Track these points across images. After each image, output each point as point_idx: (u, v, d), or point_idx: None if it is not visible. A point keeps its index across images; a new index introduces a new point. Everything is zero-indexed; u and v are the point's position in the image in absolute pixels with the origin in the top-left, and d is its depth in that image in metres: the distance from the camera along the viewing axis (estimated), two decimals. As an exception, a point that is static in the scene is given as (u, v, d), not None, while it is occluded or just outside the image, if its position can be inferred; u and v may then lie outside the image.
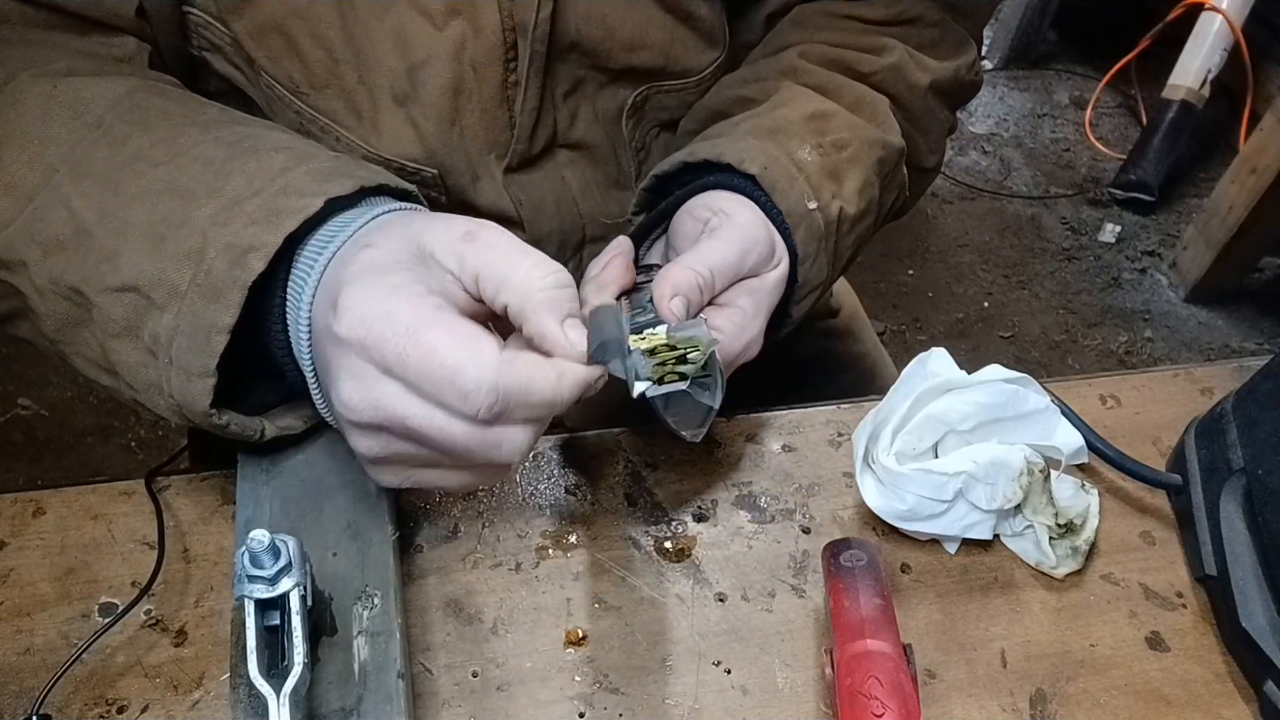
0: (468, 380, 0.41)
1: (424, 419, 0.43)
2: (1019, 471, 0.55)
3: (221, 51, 0.61)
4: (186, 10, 0.59)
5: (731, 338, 0.53)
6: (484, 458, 0.44)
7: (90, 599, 0.52)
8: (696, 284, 0.51)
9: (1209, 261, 2.06)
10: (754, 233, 0.55)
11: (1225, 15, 2.16)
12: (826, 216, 0.59)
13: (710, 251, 0.53)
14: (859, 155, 0.62)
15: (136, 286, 0.47)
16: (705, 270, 0.52)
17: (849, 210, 0.61)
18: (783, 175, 0.58)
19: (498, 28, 0.59)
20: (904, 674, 0.47)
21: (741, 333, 0.54)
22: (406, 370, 0.42)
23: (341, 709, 0.45)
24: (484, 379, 0.41)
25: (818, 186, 0.59)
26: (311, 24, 0.58)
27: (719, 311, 0.54)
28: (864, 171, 0.62)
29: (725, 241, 0.54)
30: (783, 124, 0.61)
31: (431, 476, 0.47)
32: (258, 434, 0.51)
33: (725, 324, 0.53)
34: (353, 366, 0.43)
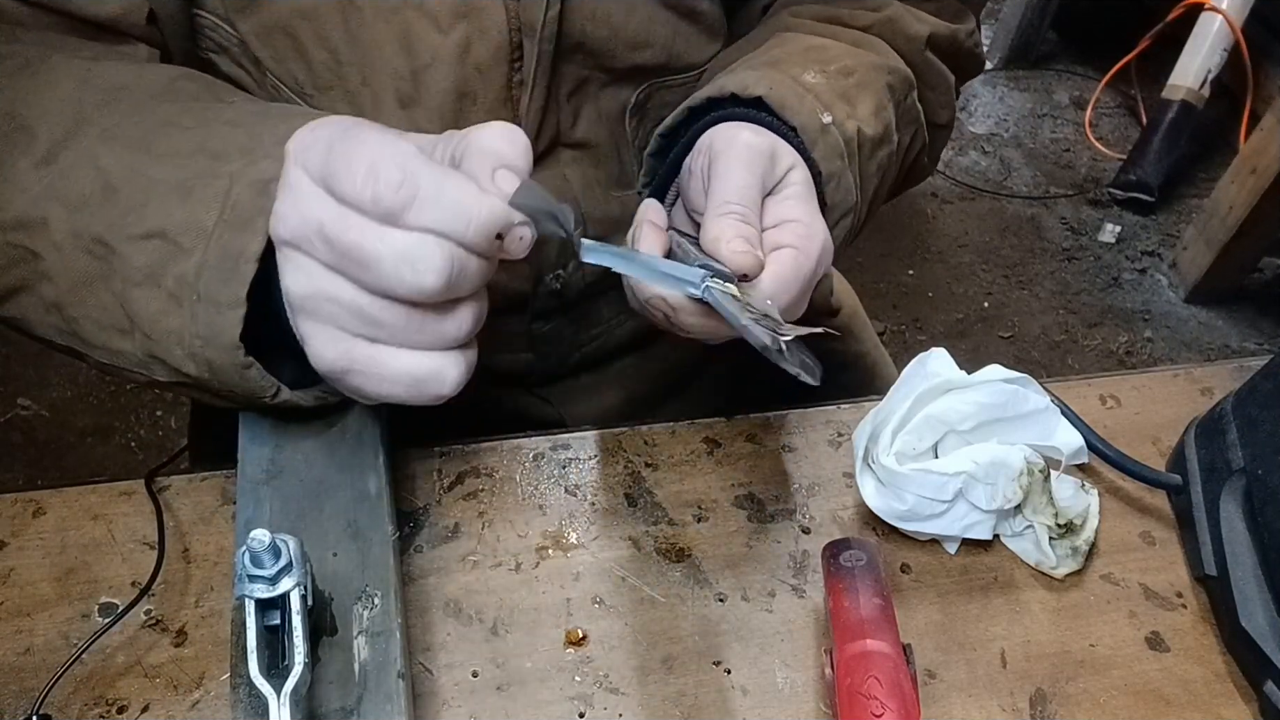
0: (382, 154, 0.40)
1: (339, 219, 0.41)
2: (1019, 471, 0.55)
3: (228, 52, 0.61)
4: (195, 12, 0.60)
5: (805, 249, 0.51)
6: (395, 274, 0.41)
7: (90, 599, 0.52)
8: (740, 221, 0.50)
9: (1209, 261, 2.06)
10: (746, 145, 0.52)
11: (1225, 15, 2.16)
12: (844, 133, 0.57)
13: (726, 188, 0.51)
14: (867, 79, 0.60)
15: (163, 232, 0.47)
16: (737, 205, 0.50)
17: (867, 131, 0.58)
18: (790, 94, 0.56)
19: (504, 28, 0.59)
20: (904, 674, 0.47)
21: (810, 238, 0.51)
22: (331, 159, 0.41)
23: (341, 709, 0.45)
24: (397, 156, 0.40)
25: (829, 104, 0.57)
26: (317, 25, 0.58)
27: (776, 232, 0.52)
28: (875, 95, 0.60)
29: (731, 169, 0.52)
30: (781, 57, 0.60)
31: (371, 353, 0.44)
32: (272, 390, 0.49)
33: (790, 238, 0.51)
34: (290, 178, 0.43)
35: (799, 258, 0.51)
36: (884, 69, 0.62)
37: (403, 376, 0.44)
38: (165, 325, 0.48)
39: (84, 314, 0.50)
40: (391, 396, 0.45)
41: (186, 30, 0.60)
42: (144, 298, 0.48)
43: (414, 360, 0.44)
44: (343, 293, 0.42)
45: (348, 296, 0.42)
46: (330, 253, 0.41)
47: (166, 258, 0.47)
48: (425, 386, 0.44)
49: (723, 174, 0.52)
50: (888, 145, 0.61)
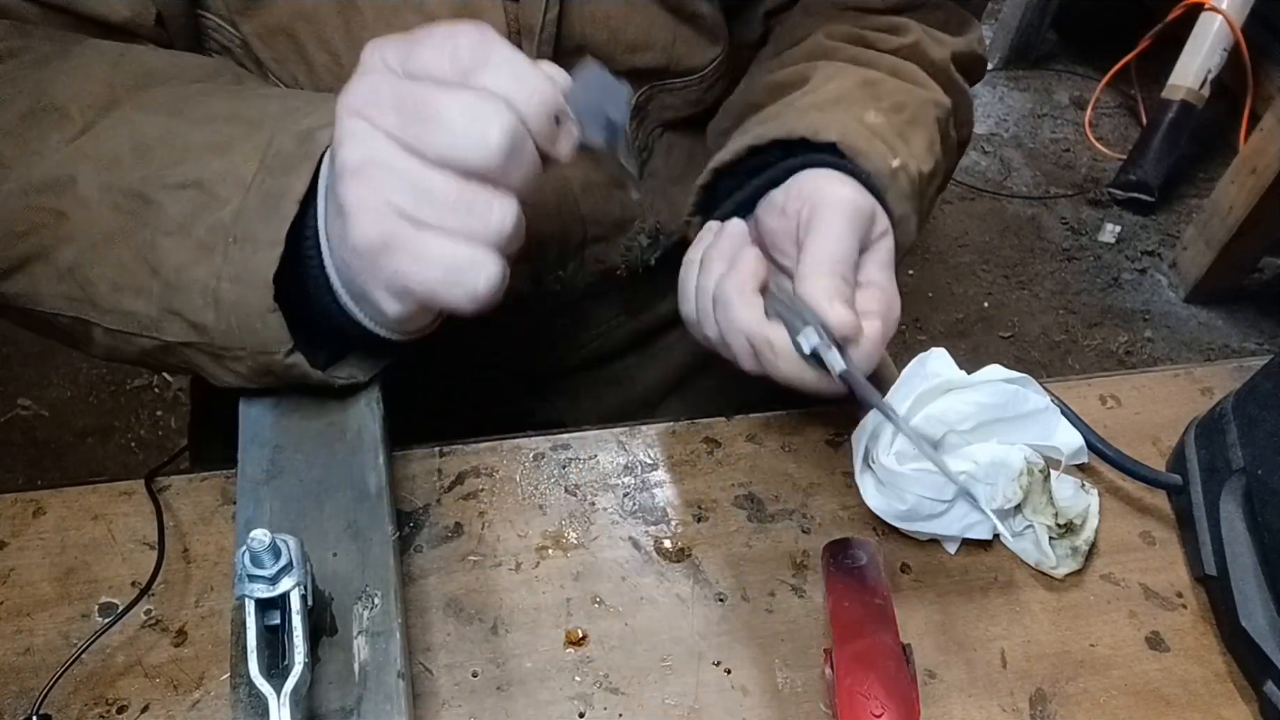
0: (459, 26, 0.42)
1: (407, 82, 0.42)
2: (1019, 471, 0.55)
3: (231, 53, 0.62)
4: (199, 13, 0.60)
5: (887, 318, 0.53)
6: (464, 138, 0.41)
7: (90, 599, 0.52)
8: (846, 285, 0.51)
9: (1209, 261, 2.06)
10: (854, 205, 0.53)
11: (1225, 15, 2.16)
12: (910, 175, 0.57)
13: (831, 246, 0.52)
14: (918, 115, 0.61)
15: (199, 181, 0.47)
16: (843, 267, 0.52)
17: (923, 170, 0.59)
18: (860, 139, 0.56)
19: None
20: (903, 674, 0.47)
21: (891, 307, 0.54)
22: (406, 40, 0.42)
23: (341, 709, 0.45)
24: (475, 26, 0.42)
25: (893, 147, 0.57)
26: (317, 27, 0.59)
27: (861, 296, 0.54)
28: (927, 131, 0.61)
29: (834, 226, 0.53)
30: (840, 94, 0.60)
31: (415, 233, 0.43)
32: (287, 346, 0.49)
33: (874, 305, 0.53)
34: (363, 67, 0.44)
35: (883, 328, 0.53)
36: (932, 103, 0.63)
37: (442, 259, 0.43)
38: (191, 274, 0.48)
39: (100, 274, 0.50)
40: (427, 283, 0.43)
41: (191, 31, 0.61)
42: (173, 247, 0.48)
43: (455, 247, 0.43)
44: (399, 160, 0.42)
45: (403, 164, 0.42)
46: (396, 117, 0.41)
47: (200, 207, 0.47)
48: (463, 275, 0.43)
49: (827, 230, 0.52)
50: (937, 179, 0.62)
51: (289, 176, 0.46)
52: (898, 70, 0.64)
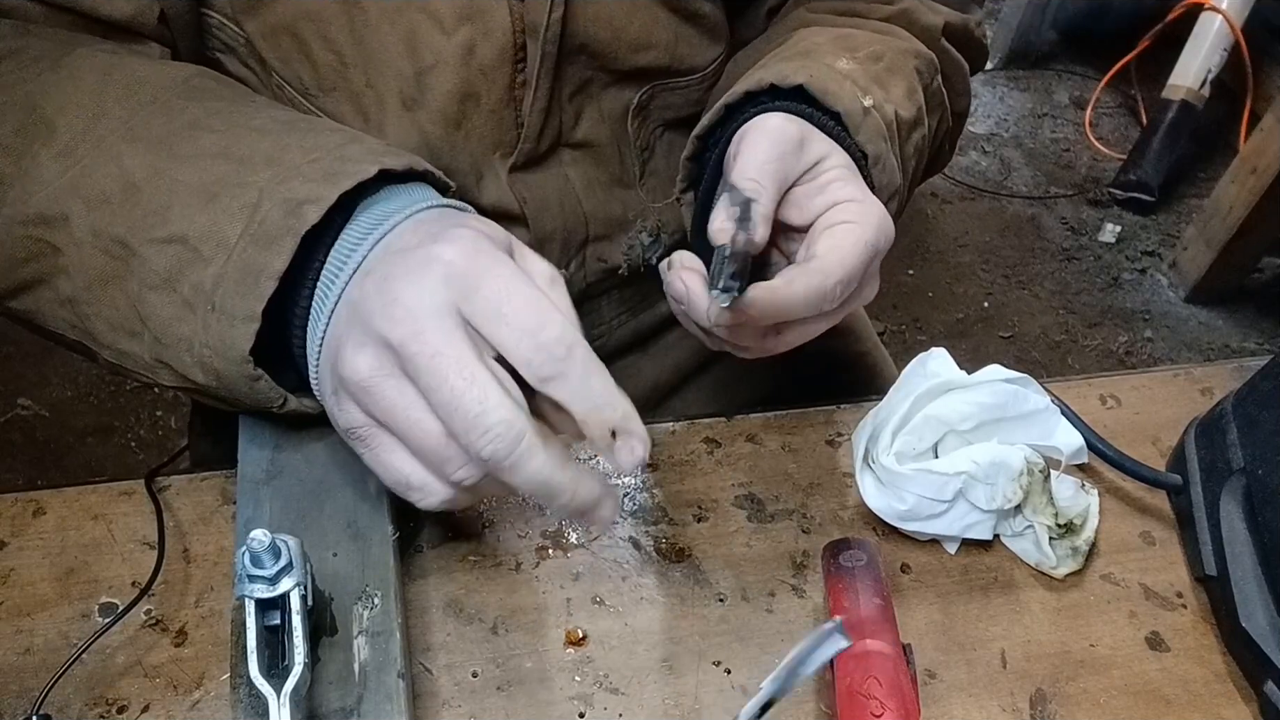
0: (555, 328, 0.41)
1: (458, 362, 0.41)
2: (1019, 471, 0.55)
3: (235, 53, 0.61)
4: (204, 12, 0.60)
5: (862, 221, 0.51)
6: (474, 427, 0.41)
7: (90, 599, 0.52)
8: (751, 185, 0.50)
9: (1209, 261, 2.06)
10: (781, 129, 0.52)
11: (1225, 15, 2.16)
12: (884, 116, 0.57)
13: (744, 166, 0.51)
14: (896, 64, 0.61)
15: (185, 238, 0.47)
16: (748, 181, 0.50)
17: (902, 114, 0.59)
18: (830, 80, 0.55)
19: (508, 30, 0.59)
20: (903, 674, 0.47)
21: (866, 213, 0.51)
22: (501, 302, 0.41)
23: (341, 709, 0.45)
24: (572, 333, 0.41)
25: (865, 89, 0.57)
26: (321, 27, 0.59)
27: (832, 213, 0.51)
28: (906, 78, 0.61)
29: (752, 148, 0.51)
30: (811, 48, 0.60)
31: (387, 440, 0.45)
32: (279, 401, 0.50)
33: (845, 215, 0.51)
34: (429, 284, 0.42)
35: (856, 229, 0.50)
36: (910, 53, 0.63)
37: (397, 474, 0.45)
38: (177, 331, 0.48)
39: (97, 312, 0.50)
40: (381, 479, 0.46)
41: (195, 30, 0.61)
42: (159, 301, 0.48)
43: (414, 470, 0.45)
44: (400, 404, 0.43)
45: (401, 408, 0.43)
46: (425, 372, 0.41)
47: (185, 264, 0.47)
48: (409, 492, 0.46)
49: (744, 153, 0.52)
50: (921, 127, 0.61)
51: (269, 252, 0.46)
52: (880, 31, 0.64)
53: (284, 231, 0.46)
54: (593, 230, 0.70)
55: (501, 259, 0.43)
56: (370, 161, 0.48)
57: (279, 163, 0.48)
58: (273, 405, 0.50)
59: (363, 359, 0.43)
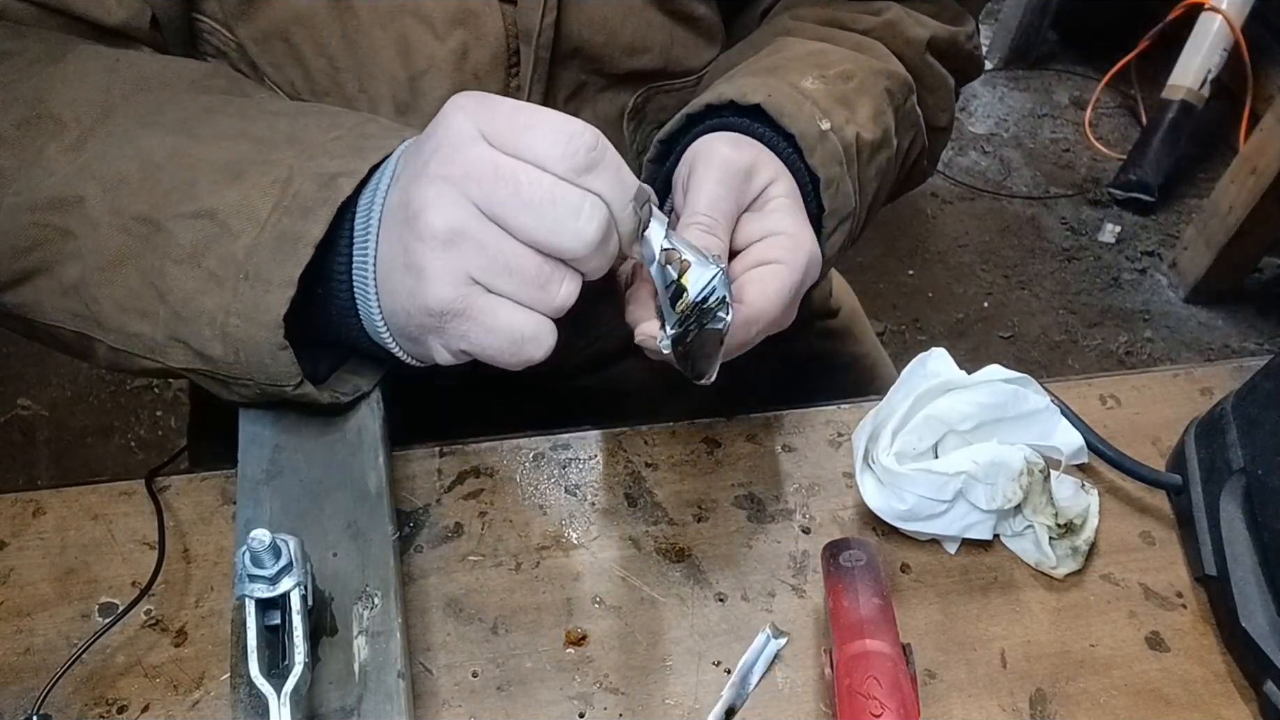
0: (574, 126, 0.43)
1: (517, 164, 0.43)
2: (1019, 471, 0.55)
3: (227, 57, 0.61)
4: (195, 17, 0.60)
5: (790, 262, 0.52)
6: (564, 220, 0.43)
7: (90, 599, 0.52)
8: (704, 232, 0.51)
9: (1209, 261, 2.06)
10: (729, 161, 0.53)
11: (1225, 15, 2.16)
12: (843, 139, 0.57)
13: (697, 200, 0.52)
14: (866, 84, 0.61)
15: (214, 212, 0.48)
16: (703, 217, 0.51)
17: (866, 136, 0.59)
18: (788, 101, 0.56)
19: (501, 35, 0.59)
20: (903, 674, 0.47)
21: (796, 250, 0.52)
22: (516, 119, 0.43)
23: (342, 709, 0.45)
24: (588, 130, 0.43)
25: (828, 110, 0.57)
26: (314, 32, 0.58)
27: (762, 246, 0.53)
28: (874, 100, 0.61)
29: (703, 182, 0.52)
30: (781, 63, 0.60)
31: (489, 302, 0.45)
32: (296, 380, 0.50)
33: (776, 252, 0.52)
34: (460, 128, 0.44)
35: (783, 272, 0.52)
36: (883, 73, 0.62)
37: (510, 331, 0.45)
38: (199, 304, 0.48)
39: (107, 294, 0.50)
40: (489, 348, 0.46)
41: (186, 35, 0.60)
42: (182, 275, 0.48)
43: (525, 318, 0.45)
44: (488, 235, 0.44)
45: (491, 239, 0.44)
46: (493, 192, 0.43)
47: (212, 238, 0.48)
48: (525, 346, 0.46)
49: (695, 187, 0.53)
50: (887, 149, 0.61)
51: (307, 220, 0.46)
52: (859, 46, 0.64)
53: (320, 202, 0.47)
54: None
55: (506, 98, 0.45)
56: (392, 136, 0.49)
57: (301, 142, 0.49)
58: (289, 383, 0.50)
59: (439, 206, 0.44)
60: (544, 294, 0.45)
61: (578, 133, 0.43)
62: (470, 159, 0.43)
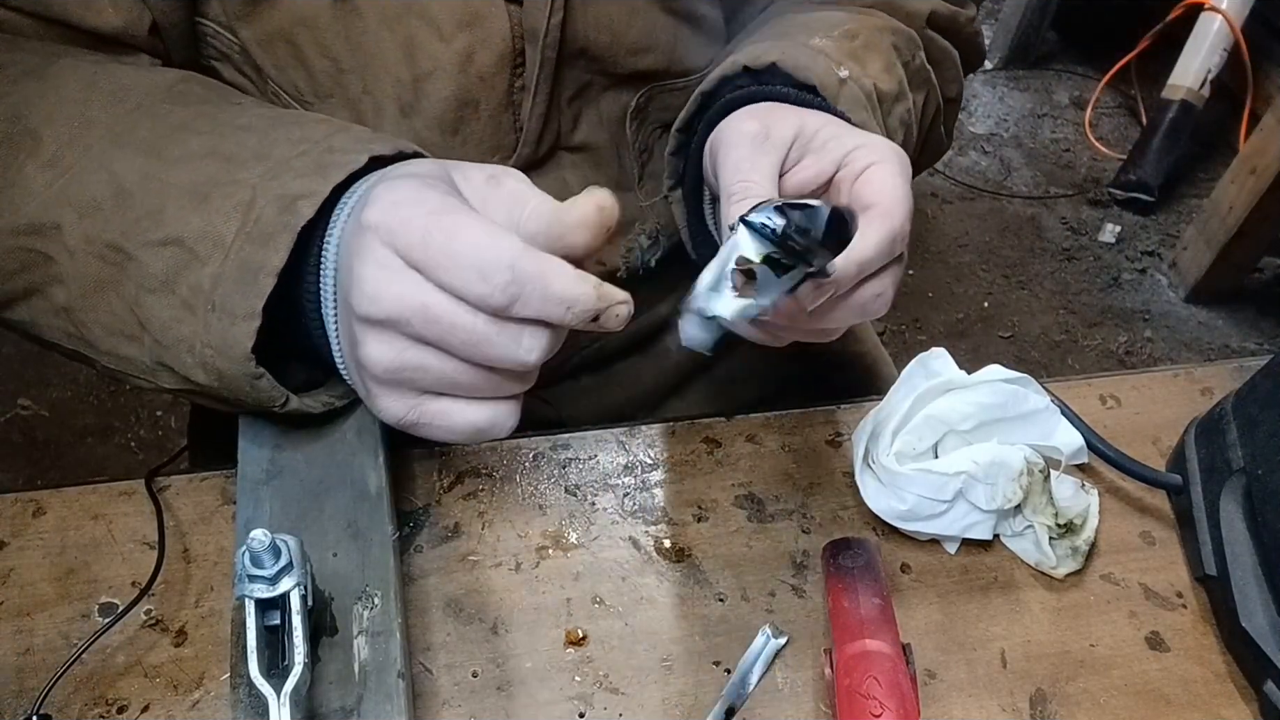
0: (487, 256, 0.41)
1: (444, 306, 0.42)
2: (1019, 471, 0.55)
3: (230, 60, 0.61)
4: (198, 20, 0.60)
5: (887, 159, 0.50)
6: (503, 355, 0.42)
7: (90, 599, 0.52)
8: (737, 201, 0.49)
9: (1209, 261, 2.06)
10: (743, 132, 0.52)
11: (1225, 15, 2.16)
12: (863, 88, 0.57)
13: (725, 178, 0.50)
14: (872, 41, 0.61)
15: (181, 239, 0.47)
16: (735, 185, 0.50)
17: (882, 87, 0.58)
18: (802, 55, 0.56)
19: (507, 36, 0.59)
20: (903, 674, 0.47)
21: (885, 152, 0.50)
22: (429, 250, 0.41)
23: (342, 709, 0.45)
24: (502, 256, 0.41)
25: (840, 62, 0.57)
26: (318, 34, 0.58)
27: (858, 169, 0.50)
28: (883, 54, 0.60)
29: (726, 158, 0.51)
30: (787, 29, 0.60)
31: (440, 407, 0.45)
32: (281, 400, 0.50)
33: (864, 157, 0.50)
34: (377, 255, 0.43)
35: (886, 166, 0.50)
36: (887, 29, 0.63)
37: (468, 427, 0.45)
38: (176, 333, 0.48)
39: (94, 319, 0.50)
40: (452, 441, 0.47)
41: (189, 39, 0.60)
42: (157, 304, 0.48)
43: (480, 412, 0.45)
44: (431, 362, 0.43)
45: (435, 365, 0.43)
46: (429, 331, 0.42)
47: (182, 266, 0.47)
48: (486, 434, 0.46)
49: (723, 166, 0.52)
50: (904, 101, 0.61)
51: (267, 249, 0.46)
52: (859, 12, 0.64)
53: (280, 228, 0.46)
54: None
55: (419, 196, 0.43)
56: (359, 150, 0.48)
57: (268, 158, 0.48)
58: (274, 405, 0.50)
59: (375, 347, 0.43)
60: (499, 391, 0.45)
61: (493, 269, 0.40)
62: (395, 301, 0.42)
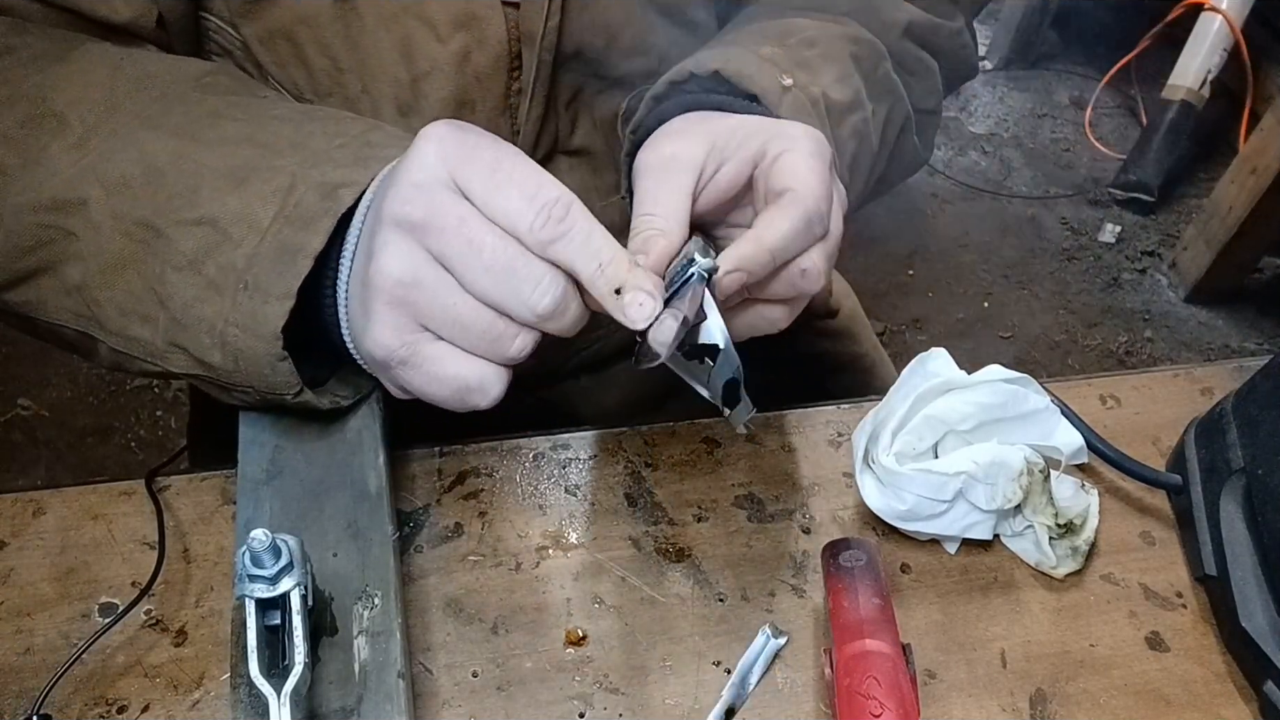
0: (549, 188, 0.41)
1: (480, 222, 0.42)
2: (1019, 471, 0.55)
3: (232, 56, 0.62)
4: (201, 15, 0.60)
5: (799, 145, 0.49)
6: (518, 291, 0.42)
7: (90, 599, 0.52)
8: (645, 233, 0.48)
9: (1209, 261, 2.06)
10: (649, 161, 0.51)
11: (1225, 15, 2.16)
12: (809, 95, 0.56)
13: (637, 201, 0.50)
14: (831, 50, 0.60)
15: (215, 220, 0.47)
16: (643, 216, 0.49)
17: (833, 96, 0.58)
18: (747, 64, 0.55)
19: (503, 38, 0.59)
20: (902, 674, 0.47)
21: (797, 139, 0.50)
22: (496, 173, 0.42)
23: (342, 709, 0.45)
24: (561, 195, 0.41)
25: (789, 72, 0.56)
26: (317, 32, 0.59)
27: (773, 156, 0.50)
28: (838, 64, 0.60)
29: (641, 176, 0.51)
30: (742, 36, 0.60)
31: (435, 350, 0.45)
32: (296, 389, 0.50)
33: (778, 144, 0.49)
34: (427, 165, 0.42)
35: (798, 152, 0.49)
36: (847, 39, 0.62)
37: (455, 380, 0.45)
38: (198, 312, 0.48)
39: (108, 297, 0.50)
40: (434, 396, 0.46)
41: (192, 34, 0.61)
42: (181, 282, 0.48)
43: (471, 367, 0.45)
44: (441, 286, 0.43)
45: (445, 291, 0.43)
46: (456, 244, 0.42)
47: (213, 246, 0.47)
48: (470, 395, 0.45)
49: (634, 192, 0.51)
50: (860, 111, 0.60)
51: (307, 231, 0.46)
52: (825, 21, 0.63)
53: (321, 213, 0.46)
54: None
55: (486, 133, 0.43)
56: (395, 145, 0.49)
57: (305, 148, 0.49)
58: (288, 392, 0.50)
59: (396, 254, 0.43)
60: (495, 346, 0.44)
61: (550, 200, 0.41)
62: (434, 205, 0.42)
